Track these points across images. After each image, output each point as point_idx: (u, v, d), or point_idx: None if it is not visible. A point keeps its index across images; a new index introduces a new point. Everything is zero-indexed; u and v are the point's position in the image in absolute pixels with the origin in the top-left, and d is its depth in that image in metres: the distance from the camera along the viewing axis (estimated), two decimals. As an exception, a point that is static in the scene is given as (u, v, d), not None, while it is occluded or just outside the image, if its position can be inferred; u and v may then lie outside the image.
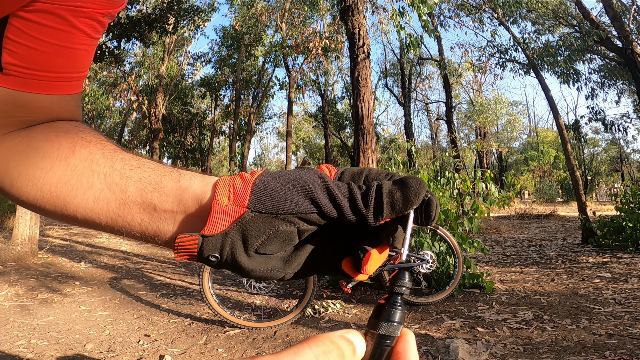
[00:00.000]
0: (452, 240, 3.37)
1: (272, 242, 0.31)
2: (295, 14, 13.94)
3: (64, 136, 0.37)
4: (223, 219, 0.31)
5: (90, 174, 0.35)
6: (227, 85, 17.39)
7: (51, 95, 0.38)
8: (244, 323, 2.66)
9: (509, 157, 30.56)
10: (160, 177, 0.35)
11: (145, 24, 7.12)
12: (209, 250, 0.31)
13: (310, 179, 0.31)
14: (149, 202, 0.34)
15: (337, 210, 0.30)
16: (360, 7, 4.03)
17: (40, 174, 0.35)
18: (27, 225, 5.10)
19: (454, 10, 11.29)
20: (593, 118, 9.53)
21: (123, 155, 0.36)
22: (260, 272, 0.32)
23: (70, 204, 0.35)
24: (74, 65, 0.39)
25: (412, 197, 0.29)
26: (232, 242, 0.31)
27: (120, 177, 0.35)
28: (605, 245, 5.90)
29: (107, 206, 0.34)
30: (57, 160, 0.35)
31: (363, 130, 3.80)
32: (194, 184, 0.34)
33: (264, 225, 0.31)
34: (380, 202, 0.29)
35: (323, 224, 0.32)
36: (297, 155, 27.91)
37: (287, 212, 0.30)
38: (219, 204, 0.31)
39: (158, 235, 0.35)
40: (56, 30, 0.35)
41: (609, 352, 2.03)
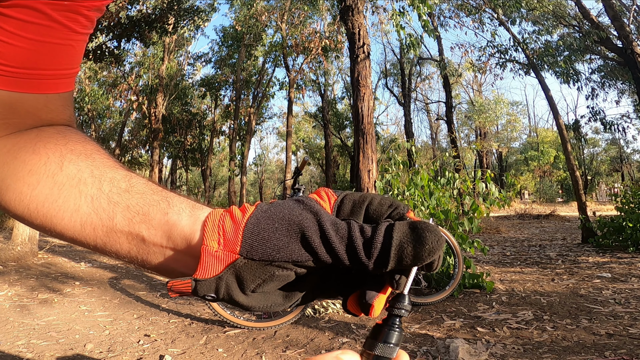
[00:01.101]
0: (452, 240, 3.37)
1: (269, 284, 0.30)
2: (295, 14, 13.94)
3: (52, 149, 0.35)
4: (214, 264, 0.30)
5: (77, 195, 0.33)
6: (227, 85, 17.39)
7: (36, 95, 0.36)
8: (244, 323, 2.66)
9: (509, 157, 30.56)
10: (148, 206, 0.32)
11: (145, 24, 7.11)
12: (203, 291, 0.30)
13: (304, 219, 0.29)
14: (137, 233, 0.32)
15: (332, 257, 0.28)
16: (360, 7, 4.03)
17: (27, 191, 0.33)
18: (25, 225, 5.09)
19: (454, 10, 11.30)
20: (593, 118, 9.53)
21: (112, 174, 0.34)
22: (260, 308, 0.31)
23: (58, 225, 0.33)
24: (59, 61, 0.36)
25: (425, 255, 0.26)
26: (227, 285, 0.30)
27: (107, 202, 0.33)
28: (605, 245, 5.91)
29: (94, 232, 0.33)
30: (43, 177, 0.33)
31: (363, 130, 3.80)
32: (182, 219, 0.32)
33: (258, 270, 0.29)
34: (387, 254, 0.26)
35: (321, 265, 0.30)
36: (297, 155, 27.91)
37: (280, 260, 0.29)
38: (209, 249, 0.30)
39: (148, 264, 0.33)
40: (36, 25, 0.33)
41: (609, 352, 2.03)
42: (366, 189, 3.71)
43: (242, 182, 15.54)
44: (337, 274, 0.31)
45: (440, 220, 3.65)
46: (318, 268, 0.30)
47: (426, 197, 3.84)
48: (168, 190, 0.35)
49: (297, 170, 3.19)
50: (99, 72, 15.54)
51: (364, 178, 3.72)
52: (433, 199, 3.82)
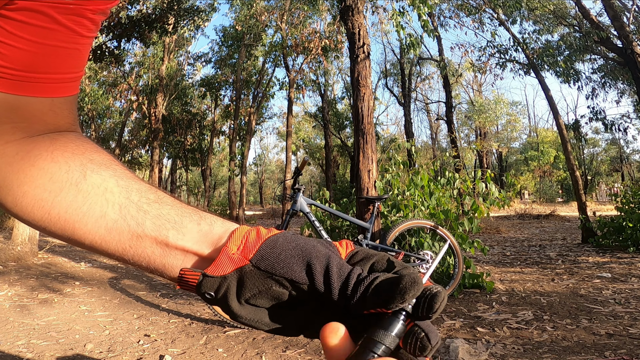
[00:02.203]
0: (452, 240, 3.37)
1: (263, 298, 0.32)
2: (295, 14, 13.94)
3: (71, 157, 0.36)
4: (227, 265, 0.32)
5: (104, 202, 0.35)
6: (227, 85, 17.39)
7: (42, 98, 0.36)
8: (244, 323, 2.66)
9: (509, 157, 30.56)
10: (180, 216, 0.35)
11: (145, 24, 7.11)
12: (206, 287, 0.32)
13: (317, 253, 0.32)
14: (164, 238, 0.34)
15: (326, 288, 0.30)
16: (360, 7, 4.03)
17: (48, 197, 0.34)
18: (27, 226, 5.09)
19: (454, 11, 11.29)
20: (593, 118, 9.53)
21: (138, 185, 0.36)
22: (247, 320, 0.33)
23: (79, 230, 0.35)
24: (65, 65, 0.37)
25: (398, 295, 0.27)
26: (228, 287, 0.32)
27: (137, 210, 0.35)
28: (605, 245, 5.91)
29: (120, 236, 0.35)
30: (66, 184, 0.35)
31: (363, 130, 3.80)
32: (214, 228, 0.35)
33: (258, 280, 0.32)
34: (366, 292, 0.28)
35: (314, 295, 0.32)
36: (297, 155, 27.91)
37: (280, 275, 0.31)
38: (228, 251, 0.33)
39: (164, 268, 0.35)
40: (42, 29, 0.33)
41: (609, 352, 2.03)
42: (366, 189, 3.71)
43: (242, 182, 15.54)
44: (326, 313, 0.32)
45: (440, 220, 3.65)
46: (308, 298, 0.32)
47: (426, 197, 3.84)
48: (197, 207, 0.38)
49: (297, 170, 3.19)
50: (99, 72, 15.52)
51: (364, 178, 3.72)
52: (433, 199, 3.82)
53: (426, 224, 3.38)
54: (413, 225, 3.37)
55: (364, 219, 3.52)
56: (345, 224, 4.23)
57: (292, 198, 3.01)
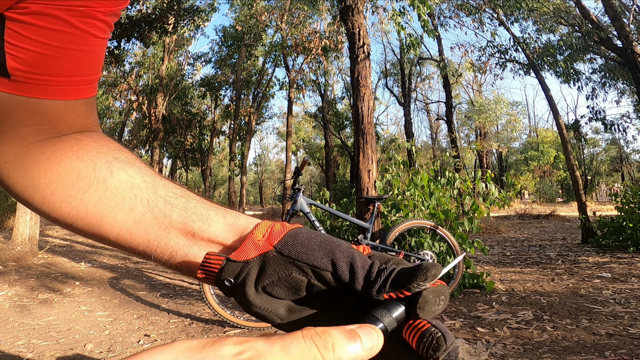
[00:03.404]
0: (452, 240, 3.37)
1: (281, 286, 0.33)
2: (295, 14, 13.94)
3: (96, 156, 0.37)
4: (251, 250, 0.33)
5: (132, 197, 0.36)
6: (227, 85, 17.38)
7: (64, 101, 0.38)
8: (244, 323, 2.66)
9: (509, 157, 30.56)
10: (207, 210, 0.37)
11: (145, 24, 7.11)
12: (227, 273, 0.33)
13: (341, 245, 0.33)
14: (190, 229, 0.36)
15: (350, 277, 0.31)
16: (360, 7, 4.03)
17: (77, 194, 0.36)
18: (27, 225, 5.10)
19: (454, 11, 11.29)
20: (593, 118, 9.53)
21: (164, 182, 0.38)
22: (261, 310, 0.33)
23: (106, 225, 0.36)
24: (83, 67, 0.38)
25: (420, 275, 0.29)
26: (248, 273, 0.33)
27: (164, 204, 0.36)
28: (605, 245, 5.90)
29: (147, 229, 0.36)
30: (94, 181, 0.36)
31: (363, 130, 3.80)
32: (239, 221, 0.36)
33: (280, 266, 0.32)
34: (389, 277, 0.30)
35: (331, 288, 0.32)
36: (297, 155, 27.91)
37: (303, 261, 0.32)
38: (254, 237, 0.34)
39: (187, 258, 0.36)
40: (57, 32, 0.34)
41: (609, 352, 2.03)
42: (366, 189, 3.71)
43: (242, 182, 15.54)
44: (337, 315, 0.33)
45: (441, 220, 3.65)
46: (325, 288, 0.33)
47: (426, 197, 3.84)
48: (223, 204, 0.39)
49: (297, 170, 3.19)
50: (99, 72, 15.48)
51: (364, 178, 3.71)
52: (433, 199, 3.82)
53: (426, 224, 3.38)
54: (413, 225, 3.37)
55: (364, 219, 3.52)
56: (345, 224, 4.23)
57: (292, 198, 3.01)
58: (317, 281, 0.32)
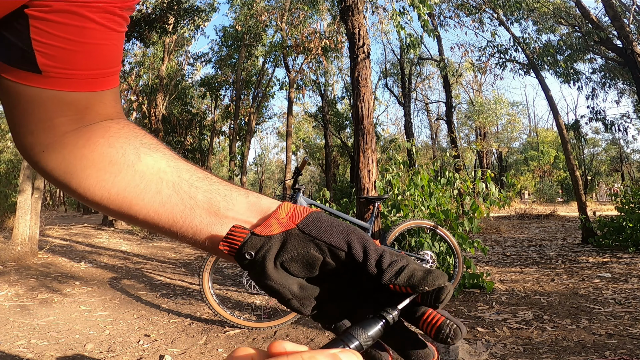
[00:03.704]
0: (452, 240, 3.37)
1: (298, 262, 0.35)
2: (295, 14, 13.93)
3: (125, 142, 0.40)
4: (275, 226, 0.36)
5: (158, 181, 0.39)
6: (227, 85, 17.37)
7: (92, 93, 0.41)
8: (244, 323, 2.66)
9: (509, 157, 30.55)
10: (229, 191, 0.39)
11: (145, 24, 7.11)
12: (249, 247, 0.35)
13: (357, 231, 0.36)
14: (215, 208, 0.38)
15: (364, 258, 0.34)
16: (360, 7, 4.03)
17: (109, 178, 0.39)
18: (27, 225, 5.10)
19: (454, 10, 11.29)
20: (593, 118, 9.52)
21: (187, 166, 0.41)
22: (277, 284, 0.35)
23: (136, 206, 0.39)
24: (107, 60, 0.40)
25: (430, 280, 0.32)
26: (270, 247, 0.35)
27: (189, 186, 0.39)
28: (605, 245, 5.90)
29: (173, 209, 0.39)
30: (124, 166, 0.39)
31: (363, 130, 3.80)
32: (261, 200, 0.39)
33: (300, 243, 0.35)
34: (401, 270, 0.32)
35: (342, 269, 0.35)
36: (297, 155, 27.91)
37: (322, 240, 0.35)
38: (278, 215, 0.37)
39: (212, 236, 0.38)
40: (79, 28, 0.36)
41: (609, 352, 2.03)
42: (366, 189, 3.71)
43: (242, 182, 15.54)
44: (346, 297, 0.36)
45: (440, 220, 3.65)
46: (339, 268, 0.35)
47: (426, 197, 3.83)
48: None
49: (297, 170, 3.19)
50: (99, 72, 15.46)
51: (364, 178, 3.71)
52: (433, 199, 3.82)
53: (426, 224, 3.38)
54: (413, 225, 3.37)
55: (364, 219, 3.52)
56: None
57: (292, 198, 3.01)
58: (332, 259, 0.35)
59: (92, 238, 7.66)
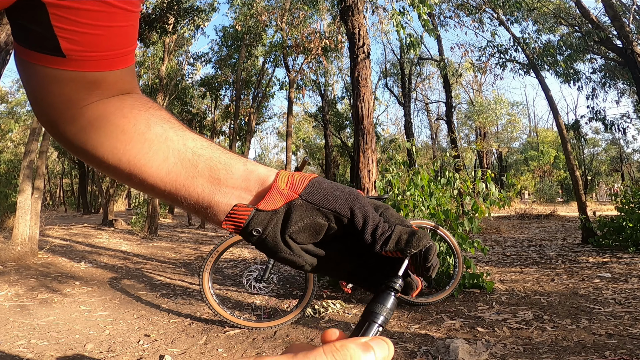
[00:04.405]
0: (452, 240, 3.37)
1: (305, 231, 0.37)
2: (295, 14, 13.93)
3: (137, 114, 0.42)
4: (278, 199, 0.37)
5: (165, 149, 0.41)
6: (227, 85, 17.37)
7: (112, 72, 0.43)
8: (244, 323, 2.66)
9: (509, 157, 30.55)
10: (229, 159, 0.41)
11: (145, 24, 7.11)
12: (255, 224, 0.37)
13: (358, 197, 0.38)
14: (216, 176, 0.40)
15: (362, 226, 0.36)
16: (360, 7, 4.03)
17: (121, 146, 0.41)
18: (27, 225, 5.09)
19: (454, 10, 11.28)
20: (593, 118, 9.51)
21: (193, 135, 0.43)
22: (290, 255, 0.38)
23: (144, 173, 0.41)
24: (124, 41, 0.42)
25: (414, 243, 0.35)
26: (277, 222, 0.37)
27: (192, 154, 0.41)
28: (605, 245, 5.90)
29: (177, 177, 0.41)
30: (135, 135, 0.41)
31: (363, 130, 3.80)
32: (259, 168, 0.41)
33: (306, 212, 0.37)
34: (389, 237, 0.36)
35: (344, 232, 0.38)
36: (297, 155, 27.90)
37: (327, 208, 0.37)
38: (278, 186, 0.38)
39: (212, 205, 0.40)
40: (97, 13, 0.37)
41: (609, 352, 2.03)
42: (366, 189, 3.71)
43: (242, 182, 15.49)
44: (347, 258, 0.39)
45: (441, 220, 3.64)
46: (342, 233, 0.38)
47: (426, 197, 3.83)
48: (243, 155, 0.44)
49: (297, 170, 3.19)
50: (99, 72, 15.46)
51: (364, 178, 3.71)
52: (433, 199, 3.82)
53: (426, 224, 3.38)
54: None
55: (364, 219, 3.51)
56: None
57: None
58: (336, 224, 0.37)
59: (92, 238, 7.66)
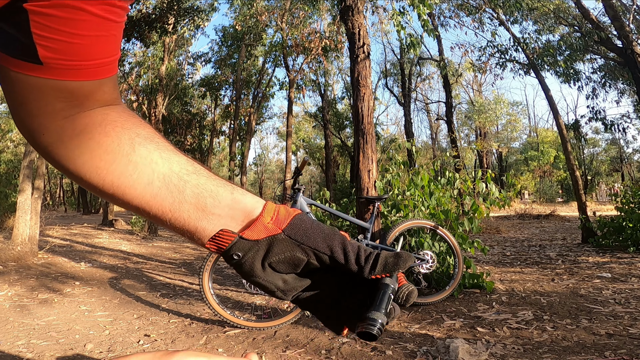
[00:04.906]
0: (452, 240, 3.37)
1: (285, 263, 0.39)
2: (295, 14, 13.93)
3: (120, 132, 0.41)
4: (261, 231, 0.39)
5: (150, 172, 0.40)
6: (227, 85, 17.37)
7: (92, 81, 0.42)
8: (244, 323, 2.66)
9: (509, 157, 30.55)
10: (216, 187, 0.41)
11: (145, 24, 7.11)
12: (236, 249, 0.39)
13: (335, 234, 0.40)
14: (202, 204, 0.40)
15: (344, 258, 0.39)
16: (360, 7, 4.02)
17: (104, 166, 0.40)
18: (27, 225, 5.09)
19: (454, 10, 11.29)
20: (593, 118, 9.51)
21: (178, 157, 0.42)
22: (263, 282, 0.40)
23: (128, 195, 0.41)
24: (106, 50, 0.41)
25: (401, 263, 0.39)
26: (257, 251, 0.39)
27: (178, 179, 0.41)
28: (605, 245, 5.90)
29: (162, 202, 0.40)
30: (119, 156, 0.40)
31: (363, 130, 3.80)
32: (246, 198, 0.41)
33: (287, 247, 0.39)
34: (377, 262, 0.39)
35: (324, 267, 0.40)
36: (297, 155, 27.90)
37: (307, 245, 0.39)
38: (263, 220, 0.40)
39: (197, 231, 0.41)
40: (78, 21, 0.36)
41: (609, 352, 2.03)
42: (366, 189, 3.71)
43: (242, 182, 15.54)
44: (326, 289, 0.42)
45: (441, 220, 3.65)
46: (320, 267, 0.40)
47: (426, 197, 3.83)
48: (228, 180, 0.44)
49: (297, 170, 3.19)
50: (99, 72, 15.43)
51: (364, 178, 3.71)
52: (433, 199, 3.82)
53: (426, 224, 3.38)
54: (413, 225, 3.37)
55: (364, 219, 3.52)
56: (345, 224, 4.23)
57: (292, 198, 3.01)
58: (315, 261, 0.40)
59: (92, 238, 7.66)
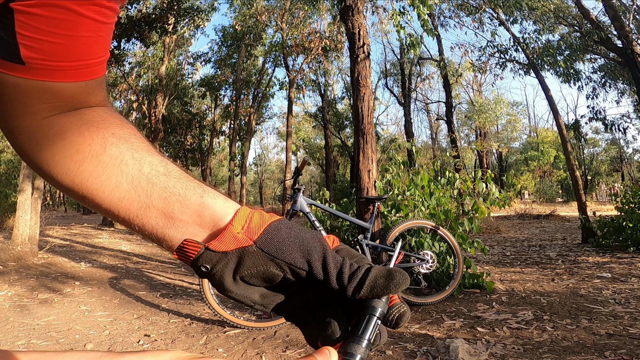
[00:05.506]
0: (452, 240, 3.37)
1: (258, 277, 0.36)
2: (295, 14, 13.93)
3: (95, 131, 0.40)
4: (230, 242, 0.35)
5: (119, 174, 0.38)
6: (227, 85, 17.37)
7: (77, 83, 0.40)
8: (244, 323, 2.66)
9: (509, 157, 30.56)
10: (185, 189, 0.38)
11: (145, 24, 7.11)
12: (204, 261, 0.35)
13: (314, 245, 0.35)
14: (169, 210, 0.37)
15: (324, 275, 0.34)
16: (360, 7, 4.02)
17: (74, 167, 0.39)
18: (27, 225, 5.09)
19: (454, 10, 11.28)
20: (593, 118, 9.51)
21: (151, 158, 0.40)
22: (237, 296, 0.36)
23: (98, 198, 0.39)
24: (92, 52, 0.40)
25: (392, 287, 0.33)
26: (227, 263, 0.35)
27: (147, 182, 0.38)
28: (605, 245, 5.90)
29: (130, 206, 0.38)
30: (88, 156, 0.38)
31: (363, 130, 3.80)
32: (216, 203, 0.38)
33: (259, 261, 0.35)
34: (363, 282, 0.33)
35: (301, 282, 0.36)
36: (297, 155, 27.90)
37: (282, 260, 0.35)
38: (233, 229, 0.35)
39: (165, 239, 0.38)
40: (65, 21, 0.35)
41: (609, 352, 2.03)
42: (366, 189, 3.71)
43: (242, 182, 15.54)
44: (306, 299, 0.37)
45: (441, 220, 3.65)
46: (297, 282, 0.36)
47: (426, 197, 3.83)
48: (201, 181, 0.41)
49: (297, 170, 3.19)
50: (99, 72, 15.45)
51: (364, 178, 3.71)
52: (433, 199, 3.82)
53: (426, 224, 3.38)
54: (413, 225, 3.37)
55: (364, 219, 3.52)
56: (345, 224, 4.23)
57: (292, 198, 3.01)
58: (292, 276, 0.35)
59: (92, 238, 7.66)
